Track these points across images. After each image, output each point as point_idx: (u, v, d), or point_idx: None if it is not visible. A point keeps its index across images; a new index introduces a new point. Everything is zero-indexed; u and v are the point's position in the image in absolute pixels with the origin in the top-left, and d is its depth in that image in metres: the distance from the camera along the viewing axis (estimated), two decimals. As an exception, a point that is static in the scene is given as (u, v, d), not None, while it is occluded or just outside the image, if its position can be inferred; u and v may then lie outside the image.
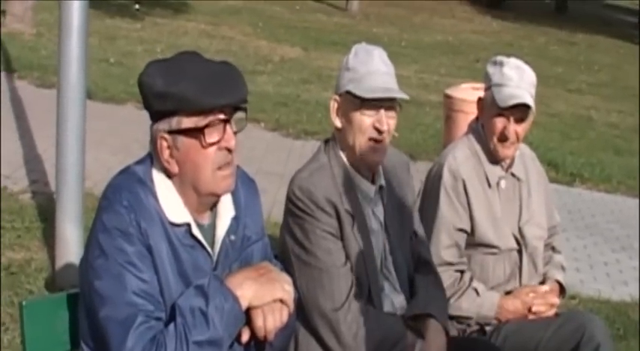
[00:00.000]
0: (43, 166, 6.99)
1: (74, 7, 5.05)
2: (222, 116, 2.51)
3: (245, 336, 2.56)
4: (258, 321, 2.54)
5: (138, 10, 17.17)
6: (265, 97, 10.96)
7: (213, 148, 2.51)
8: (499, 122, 3.68)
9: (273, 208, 6.24)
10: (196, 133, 2.49)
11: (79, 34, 5.08)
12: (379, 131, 3.18)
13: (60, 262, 5.12)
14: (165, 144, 2.51)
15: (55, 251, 5.21)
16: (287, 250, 3.22)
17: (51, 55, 9.77)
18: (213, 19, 17.69)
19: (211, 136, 2.50)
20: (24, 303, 2.64)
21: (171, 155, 2.52)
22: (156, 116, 2.53)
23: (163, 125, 2.51)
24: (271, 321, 2.54)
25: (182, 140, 2.50)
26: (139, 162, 2.62)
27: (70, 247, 5.08)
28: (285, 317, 2.58)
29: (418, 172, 3.98)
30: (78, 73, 5.12)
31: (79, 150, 5.10)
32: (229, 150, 2.54)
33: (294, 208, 3.19)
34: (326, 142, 3.36)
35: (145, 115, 2.60)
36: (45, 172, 6.85)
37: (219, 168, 2.54)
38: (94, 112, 8.08)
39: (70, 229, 5.02)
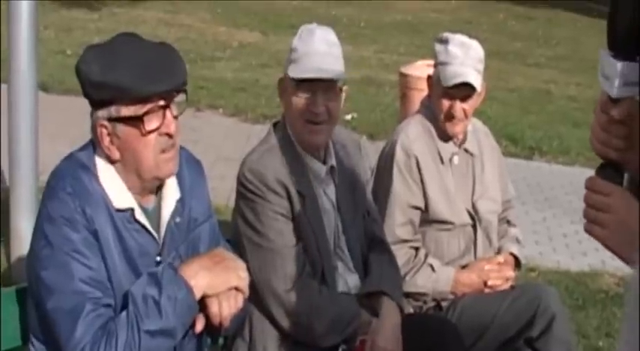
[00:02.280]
0: (-3, 160, 6.91)
1: (22, -1, 4.98)
2: (161, 102, 2.48)
3: (199, 325, 2.55)
4: (214, 307, 2.52)
5: (94, -1, 17.02)
6: (224, 83, 10.91)
7: (153, 135, 2.49)
8: (445, 101, 3.70)
9: (232, 193, 6.20)
10: (135, 121, 2.46)
11: (29, 25, 5.01)
12: (314, 113, 3.17)
13: (15, 257, 5.06)
14: (105, 131, 2.49)
15: (9, 246, 5.16)
16: (239, 234, 3.22)
17: (5, 49, 9.69)
18: (171, 7, 17.54)
19: (150, 123, 2.47)
20: (-28, 299, 2.59)
21: (111, 142, 2.50)
22: (95, 104, 2.50)
23: (102, 113, 2.48)
24: (226, 307, 2.53)
25: (121, 128, 2.48)
26: (82, 148, 2.60)
27: (25, 242, 4.95)
28: (240, 303, 2.58)
29: (377, 151, 3.98)
30: (28, 65, 5.05)
31: (32, 143, 5.05)
32: (170, 135, 2.52)
33: (244, 191, 3.20)
34: (275, 124, 3.36)
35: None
36: (-1, 166, 6.77)
37: (162, 152, 2.52)
38: (51, 104, 8.03)
39: (24, 224, 4.95)
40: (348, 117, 9.18)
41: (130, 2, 17.60)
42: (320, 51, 3.17)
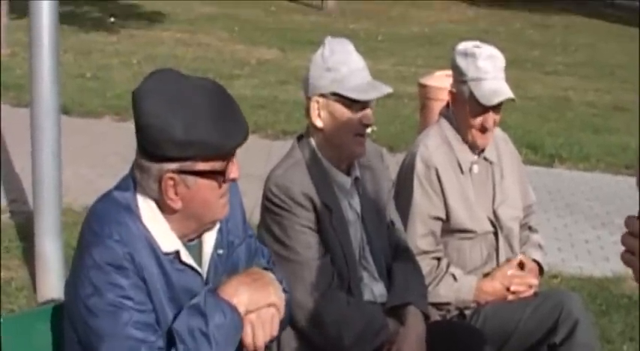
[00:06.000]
0: (21, 185, 6.95)
1: (44, 24, 5.05)
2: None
3: None
4: (247, 339, 2.51)
5: (113, 23, 17.16)
6: (243, 100, 10.96)
7: (225, 184, 2.48)
8: (480, 116, 3.72)
9: (254, 209, 6.24)
10: (214, 174, 2.43)
11: (50, 50, 5.07)
12: (367, 126, 3.25)
13: (40, 279, 5.09)
14: (171, 183, 2.40)
15: (35, 268, 5.19)
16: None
17: (26, 74, 9.75)
18: (189, 27, 17.67)
19: (228, 175, 2.46)
20: (1, 319, 2.59)
21: (176, 193, 2.42)
22: (162, 158, 2.39)
23: (172, 166, 2.38)
24: (261, 336, 2.52)
25: (195, 180, 2.41)
26: (121, 188, 2.50)
27: (50, 263, 5.05)
28: (275, 331, 2.55)
29: (397, 163, 4.02)
30: (51, 89, 5.11)
31: (55, 165, 5.09)
32: (234, 180, 2.50)
33: (271, 206, 3.23)
34: (299, 138, 3.39)
35: (122, 127, 2.56)
36: (23, 190, 6.80)
37: (221, 196, 2.50)
38: (71, 127, 8.09)
39: (49, 245, 4.99)
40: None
41: (147, 23, 17.74)
42: (360, 66, 3.24)
